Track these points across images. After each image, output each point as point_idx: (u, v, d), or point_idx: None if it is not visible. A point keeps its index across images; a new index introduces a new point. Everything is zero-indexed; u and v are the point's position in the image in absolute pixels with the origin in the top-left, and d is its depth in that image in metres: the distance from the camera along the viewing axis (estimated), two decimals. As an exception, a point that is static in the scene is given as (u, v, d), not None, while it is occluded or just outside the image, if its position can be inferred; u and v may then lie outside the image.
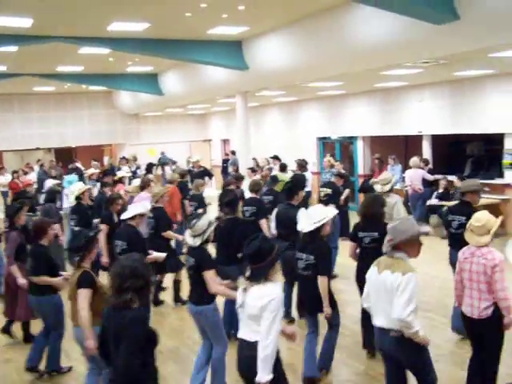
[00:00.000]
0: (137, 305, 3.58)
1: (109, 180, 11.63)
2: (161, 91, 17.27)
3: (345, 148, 18.32)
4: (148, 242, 7.57)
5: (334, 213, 5.65)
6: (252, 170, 12.92)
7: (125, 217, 6.88)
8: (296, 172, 13.10)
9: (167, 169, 20.72)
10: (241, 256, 6.14)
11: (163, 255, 7.06)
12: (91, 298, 4.80)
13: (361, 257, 6.14)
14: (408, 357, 4.19)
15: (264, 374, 3.72)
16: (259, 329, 3.80)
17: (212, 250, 5.85)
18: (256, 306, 3.82)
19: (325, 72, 10.78)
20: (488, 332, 4.77)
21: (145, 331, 3.56)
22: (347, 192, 11.25)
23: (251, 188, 8.68)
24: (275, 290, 3.87)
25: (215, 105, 20.60)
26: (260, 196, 8.85)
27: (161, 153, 22.57)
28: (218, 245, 6.85)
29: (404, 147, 17.22)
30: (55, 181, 13.44)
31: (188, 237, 5.35)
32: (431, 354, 4.31)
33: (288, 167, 13.66)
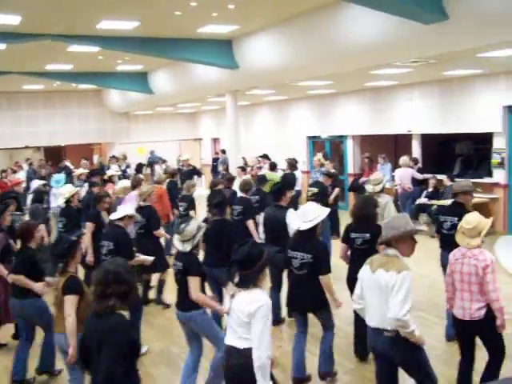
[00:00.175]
0: (120, 311, 3.50)
1: (97, 180, 11.55)
2: (151, 90, 17.20)
3: (335, 147, 18.36)
4: (136, 243, 7.51)
5: (328, 211, 5.58)
6: (242, 169, 12.91)
7: (114, 217, 6.71)
8: (286, 171, 13.12)
9: (157, 168, 20.64)
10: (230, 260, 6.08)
11: (150, 259, 6.92)
12: (77, 304, 4.69)
13: (352, 258, 6.06)
14: (403, 356, 4.14)
15: (264, 383, 3.68)
16: (247, 335, 3.77)
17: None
18: (244, 312, 3.77)
19: (315, 71, 10.79)
20: (484, 334, 4.74)
21: (128, 339, 3.47)
22: (337, 191, 11.28)
23: (241, 187, 8.69)
24: (263, 297, 3.82)
25: (205, 104, 20.56)
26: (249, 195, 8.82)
27: (150, 152, 22.50)
28: (206, 247, 6.72)
29: (394, 146, 17.29)
30: (41, 181, 13.30)
31: (176, 241, 5.25)
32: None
33: (278, 166, 13.67)
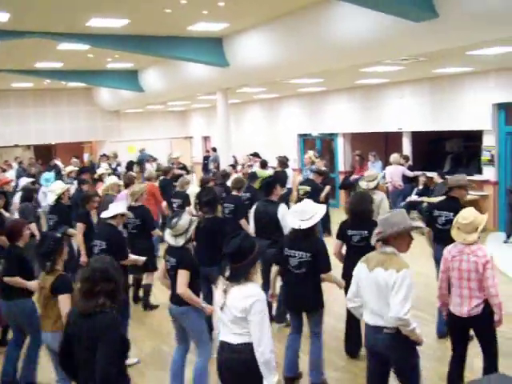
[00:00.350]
0: (109, 309, 3.42)
1: (87, 177, 11.49)
2: (141, 88, 17.15)
3: (326, 145, 18.38)
4: (128, 242, 7.38)
5: (324, 208, 5.52)
6: (232, 167, 12.90)
7: (106, 215, 6.57)
8: (277, 169, 13.13)
9: (148, 166, 20.57)
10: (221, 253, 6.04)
11: (142, 259, 6.85)
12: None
13: (348, 255, 5.99)
14: (400, 356, 4.06)
15: (271, 378, 3.64)
16: (241, 331, 3.72)
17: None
18: (238, 308, 3.69)
19: (305, 69, 10.80)
20: (480, 329, 4.75)
21: (120, 336, 3.43)
22: (327, 189, 11.30)
23: (233, 185, 8.67)
24: (257, 291, 3.74)
25: (195, 102, 20.52)
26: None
27: (139, 150, 22.37)
28: (198, 245, 6.63)
29: (384, 144, 17.33)
30: (29, 179, 13.21)
31: (169, 237, 5.19)
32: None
33: (269, 164, 13.67)
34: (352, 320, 5.73)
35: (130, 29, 10.35)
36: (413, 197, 12.83)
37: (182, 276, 4.97)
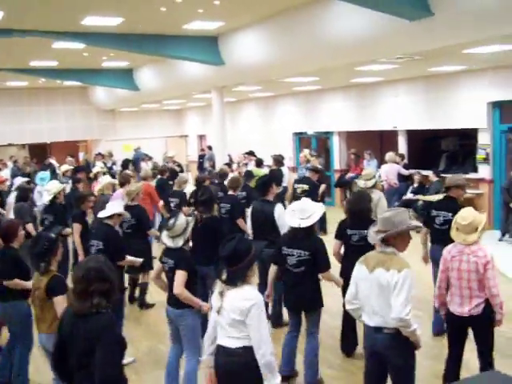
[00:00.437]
0: (105, 309, 3.33)
1: (82, 176, 11.44)
2: (136, 87, 17.11)
3: (321, 143, 18.39)
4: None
5: (323, 207, 5.52)
6: (228, 166, 12.87)
7: (102, 215, 6.50)
8: (272, 167, 13.13)
9: (143, 165, 20.53)
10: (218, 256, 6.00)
11: (139, 260, 6.80)
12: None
13: (346, 255, 5.96)
14: (399, 356, 4.03)
15: (273, 380, 3.63)
16: (238, 335, 3.69)
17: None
18: (235, 311, 3.65)
19: (300, 67, 10.80)
20: (479, 328, 4.76)
21: (117, 336, 3.38)
22: (323, 187, 11.32)
23: (230, 185, 8.63)
24: (254, 293, 3.72)
25: (191, 100, 20.50)
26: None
27: (134, 149, 22.29)
28: (195, 245, 6.56)
29: (379, 142, 17.36)
30: (24, 178, 13.14)
31: (166, 238, 5.13)
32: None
33: (264, 162, 13.66)
34: (348, 319, 5.73)
35: (126, 27, 10.32)
36: (408, 195, 12.86)
37: (179, 277, 4.94)
